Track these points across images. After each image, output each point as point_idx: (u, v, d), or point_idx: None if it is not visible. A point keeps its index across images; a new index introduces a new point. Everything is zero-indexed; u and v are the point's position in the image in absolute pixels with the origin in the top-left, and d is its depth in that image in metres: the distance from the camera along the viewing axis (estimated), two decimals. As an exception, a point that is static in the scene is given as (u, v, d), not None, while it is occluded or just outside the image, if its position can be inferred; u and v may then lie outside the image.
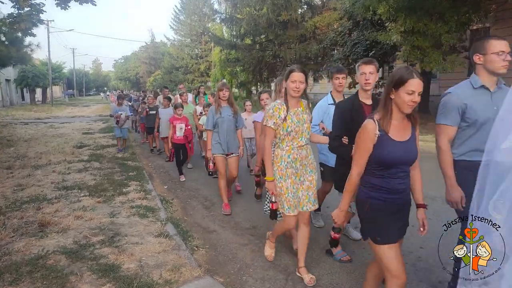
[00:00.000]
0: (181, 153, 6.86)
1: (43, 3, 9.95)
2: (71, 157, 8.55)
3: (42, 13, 9.96)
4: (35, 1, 9.76)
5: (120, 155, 9.01)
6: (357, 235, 3.92)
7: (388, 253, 2.10)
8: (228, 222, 4.66)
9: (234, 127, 4.94)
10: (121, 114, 9.31)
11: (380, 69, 18.08)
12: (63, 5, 9.48)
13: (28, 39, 14.65)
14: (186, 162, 7.40)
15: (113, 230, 4.04)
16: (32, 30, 10.27)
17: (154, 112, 9.35)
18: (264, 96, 4.93)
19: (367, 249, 3.61)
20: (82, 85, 77.35)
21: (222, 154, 4.89)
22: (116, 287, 2.89)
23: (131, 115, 12.53)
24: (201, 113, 7.46)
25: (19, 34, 11.36)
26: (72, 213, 4.58)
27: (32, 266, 3.16)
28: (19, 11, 9.71)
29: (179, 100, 9.15)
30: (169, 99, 9.06)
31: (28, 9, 9.71)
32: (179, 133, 6.77)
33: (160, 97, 10.81)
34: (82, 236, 3.87)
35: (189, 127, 6.95)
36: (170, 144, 6.88)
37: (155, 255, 3.47)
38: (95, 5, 9.68)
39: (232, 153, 4.93)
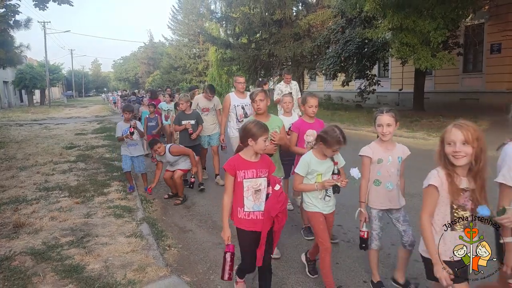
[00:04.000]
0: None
1: (18, 4, 10.02)
2: (58, 158, 8.53)
3: (18, 14, 10.02)
4: (10, 2, 9.82)
5: (108, 155, 8.86)
6: None
7: None
8: (206, 221, 4.65)
9: None
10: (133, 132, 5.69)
11: (376, 66, 18.03)
12: (41, 6, 9.50)
13: (18, 41, 14.65)
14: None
15: (85, 231, 4.03)
16: (9, 31, 10.27)
17: (193, 122, 6.04)
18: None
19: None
20: (81, 86, 77.37)
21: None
22: (78, 288, 2.88)
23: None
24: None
25: (12, 35, 11.35)
26: (48, 214, 4.58)
27: (-4, 268, 3.15)
28: None
29: (238, 103, 5.43)
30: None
31: (3, 10, 9.73)
32: (253, 204, 2.57)
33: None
34: (52, 237, 3.86)
35: (278, 188, 2.55)
36: (226, 234, 2.55)
37: (123, 255, 3.45)
38: (72, 5, 9.70)
39: None
